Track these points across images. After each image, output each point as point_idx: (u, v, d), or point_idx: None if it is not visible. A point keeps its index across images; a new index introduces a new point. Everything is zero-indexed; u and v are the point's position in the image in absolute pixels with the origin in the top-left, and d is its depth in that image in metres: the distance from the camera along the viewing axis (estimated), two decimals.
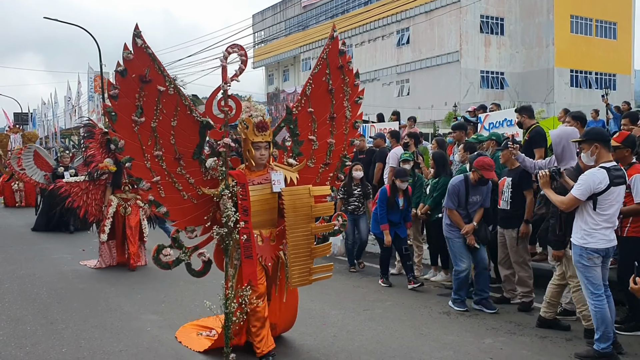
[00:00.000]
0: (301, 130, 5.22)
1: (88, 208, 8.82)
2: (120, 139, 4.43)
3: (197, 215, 4.83)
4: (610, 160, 4.86)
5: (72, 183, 8.86)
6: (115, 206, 8.75)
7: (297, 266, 4.72)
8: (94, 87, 27.06)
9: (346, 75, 5.33)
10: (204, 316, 6.10)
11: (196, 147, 4.75)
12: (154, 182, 4.59)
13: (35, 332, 5.71)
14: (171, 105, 4.56)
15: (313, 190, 4.78)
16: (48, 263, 9.26)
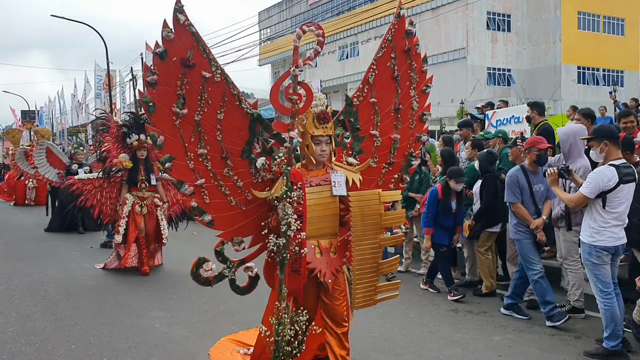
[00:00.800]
0: (362, 124, 4.58)
1: (102, 207, 8.24)
2: (159, 134, 3.86)
3: (245, 224, 4.23)
4: (620, 158, 4.83)
5: (85, 180, 8.23)
6: (131, 205, 8.10)
7: (362, 284, 4.06)
8: (102, 85, 27.13)
9: (413, 59, 4.68)
10: (210, 313, 6.13)
11: (245, 144, 4.17)
12: (198, 186, 4.03)
13: (45, 328, 5.74)
14: (217, 95, 4.00)
15: (383, 196, 4.06)
16: (56, 260, 9.30)
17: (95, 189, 8.21)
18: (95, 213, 8.19)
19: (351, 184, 4.13)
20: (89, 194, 8.16)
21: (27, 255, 9.76)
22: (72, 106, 34.06)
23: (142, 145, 7.96)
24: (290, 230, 3.74)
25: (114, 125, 8.19)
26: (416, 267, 8.15)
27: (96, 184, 8.24)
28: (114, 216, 8.22)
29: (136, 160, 8.01)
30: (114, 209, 8.23)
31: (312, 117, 4.04)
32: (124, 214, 7.99)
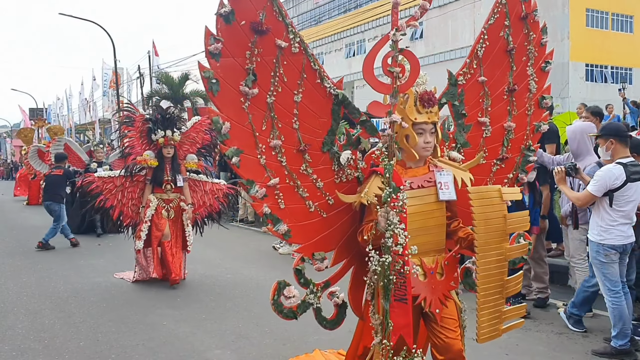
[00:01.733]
0: (469, 109, 3.75)
1: (123, 209, 7.32)
2: (224, 120, 3.09)
3: (327, 235, 3.44)
4: (628, 156, 4.81)
5: (105, 178, 7.26)
6: (155, 207, 7.23)
7: (487, 309, 3.18)
8: (109, 83, 27.23)
9: (531, 29, 3.93)
10: (218, 310, 6.14)
11: (327, 134, 3.41)
12: (271, 187, 3.25)
13: (53, 325, 5.78)
14: (295, 71, 3.26)
15: (504, 193, 3.19)
16: (65, 257, 9.35)
17: (116, 189, 7.28)
18: (115, 214, 7.28)
19: (460, 185, 3.24)
20: (109, 194, 7.24)
21: (35, 252, 9.82)
22: (80, 104, 34.20)
23: (169, 142, 7.16)
24: (398, 244, 2.88)
25: (139, 119, 7.33)
26: None
27: (117, 183, 7.29)
28: (135, 219, 7.39)
29: (162, 159, 7.21)
30: (135, 210, 7.38)
31: (413, 98, 3.16)
32: (147, 218, 7.16)
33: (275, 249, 9.62)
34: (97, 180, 7.20)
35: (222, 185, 7.81)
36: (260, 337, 5.30)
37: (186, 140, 7.51)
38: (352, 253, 3.43)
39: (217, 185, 7.76)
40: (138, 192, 7.39)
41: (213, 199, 7.69)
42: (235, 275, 7.79)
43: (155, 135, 7.11)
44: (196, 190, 7.61)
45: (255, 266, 8.34)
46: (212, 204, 7.68)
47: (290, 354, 4.85)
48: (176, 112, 7.40)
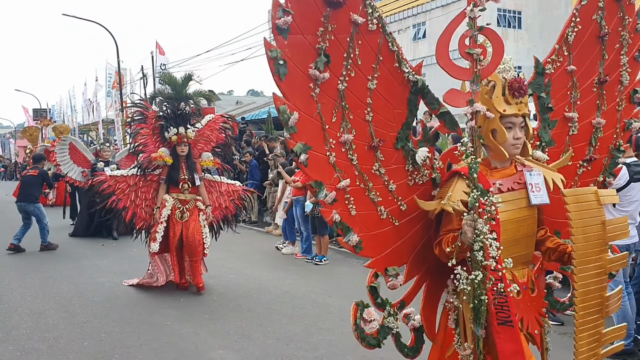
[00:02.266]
0: (555, 102, 3.29)
1: (136, 210, 6.88)
2: (292, 109, 2.66)
3: (399, 246, 3.02)
4: (631, 156, 4.81)
5: (118, 177, 6.80)
6: (170, 208, 6.81)
7: (586, 332, 2.81)
8: (112, 84, 27.26)
9: (626, 12, 3.41)
10: (221, 311, 6.15)
11: (401, 128, 2.98)
12: (341, 189, 2.82)
13: (57, 325, 5.80)
14: (370, 52, 2.83)
15: (601, 196, 2.78)
16: (68, 258, 9.38)
17: (129, 188, 6.83)
18: (127, 216, 6.82)
19: (552, 187, 2.78)
20: (121, 194, 6.77)
21: (38, 253, 9.84)
22: (83, 105, 34.27)
23: (182, 140, 6.78)
24: (493, 259, 2.47)
25: (151, 115, 6.89)
26: None
27: (130, 183, 6.83)
28: (149, 220, 6.94)
29: (176, 157, 6.83)
30: (149, 212, 6.94)
31: (500, 86, 2.71)
32: (162, 219, 6.73)
33: (278, 249, 9.63)
34: (109, 180, 6.75)
35: (238, 187, 7.55)
36: (263, 337, 5.31)
37: (201, 138, 7.22)
38: (423, 268, 3.03)
39: (232, 186, 7.51)
40: (152, 192, 6.97)
41: (228, 200, 7.40)
42: (238, 276, 7.81)
43: (168, 133, 6.76)
44: (211, 191, 7.29)
45: (258, 266, 8.36)
46: (228, 205, 7.41)
47: (293, 354, 4.86)
48: (188, 108, 7.00)
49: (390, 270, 3.00)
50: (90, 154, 11.73)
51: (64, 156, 11.49)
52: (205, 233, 6.95)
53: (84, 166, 11.49)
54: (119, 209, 6.78)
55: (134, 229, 7.03)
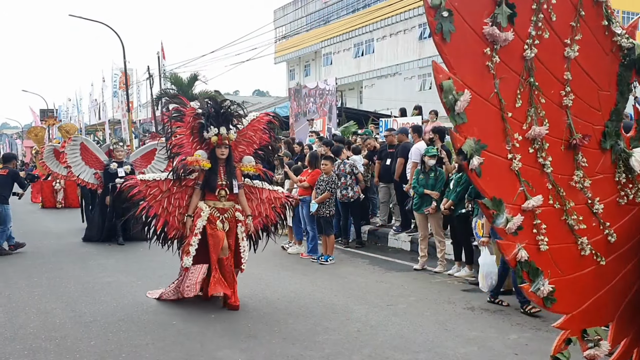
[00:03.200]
0: None
1: (168, 218, 6.19)
2: (460, 87, 1.91)
3: (603, 297, 2.27)
4: None
5: (150, 182, 6.15)
6: (207, 217, 6.09)
7: None
8: (118, 84, 27.36)
9: None
10: (227, 310, 6.15)
11: (609, 119, 2.18)
12: (529, 211, 2.04)
13: (64, 324, 5.82)
14: (566, 4, 2.06)
15: None
16: (75, 257, 9.41)
17: (161, 194, 6.15)
18: (159, 224, 6.19)
19: None
20: (153, 200, 6.12)
21: (45, 253, 9.88)
22: (90, 105, 34.41)
23: (223, 141, 6.08)
24: None
25: (189, 113, 6.14)
26: (432, 265, 8.13)
27: (163, 188, 6.15)
28: (182, 230, 6.26)
29: (215, 161, 6.13)
30: (183, 220, 6.26)
31: None
32: (197, 229, 6.05)
33: (284, 249, 9.63)
34: (140, 184, 6.10)
35: (280, 193, 6.83)
36: (269, 337, 5.32)
37: (242, 139, 6.53)
38: (636, 328, 2.29)
39: (274, 192, 6.78)
40: (186, 199, 6.27)
41: (269, 208, 6.71)
42: (244, 275, 7.76)
43: (208, 133, 6.06)
44: (251, 199, 6.59)
45: (264, 266, 8.36)
46: (269, 214, 6.71)
47: (299, 354, 4.87)
48: (234, 107, 6.28)
49: (590, 334, 2.22)
50: (103, 154, 11.07)
51: (75, 157, 10.89)
52: (243, 247, 6.34)
53: (96, 167, 10.90)
54: (150, 217, 6.17)
55: (166, 239, 6.34)
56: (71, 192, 17.21)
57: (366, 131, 13.34)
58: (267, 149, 6.78)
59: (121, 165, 10.63)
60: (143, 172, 10.14)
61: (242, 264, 6.36)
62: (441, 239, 8.15)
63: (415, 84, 44.72)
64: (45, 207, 17.51)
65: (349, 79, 47.17)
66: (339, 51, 50.61)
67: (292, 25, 53.12)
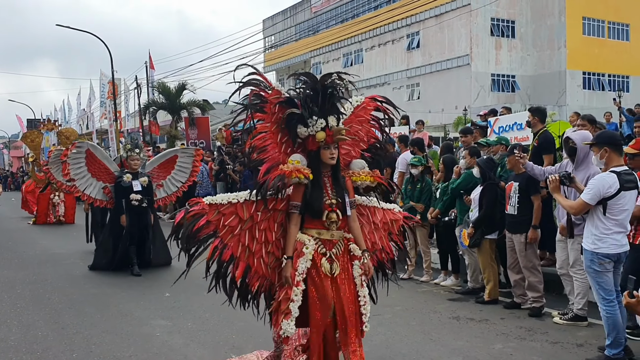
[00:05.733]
0: None
1: (251, 261, 3.97)
2: None
3: None
4: (622, 165, 4.82)
5: (223, 206, 3.88)
6: (311, 255, 3.91)
7: None
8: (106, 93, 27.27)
9: None
10: (212, 321, 6.12)
11: None
12: None
13: (47, 337, 5.75)
14: None
15: None
16: (60, 268, 9.32)
17: (239, 225, 3.93)
18: (238, 272, 3.95)
19: None
20: (228, 235, 3.90)
21: (30, 264, 9.78)
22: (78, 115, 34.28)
23: (334, 138, 3.92)
24: None
25: (274, 99, 3.99)
26: (419, 275, 8.13)
27: (243, 215, 3.93)
28: (272, 278, 4.06)
29: (317, 169, 3.95)
30: (274, 263, 4.03)
31: None
32: (299, 275, 3.88)
33: None
34: (209, 211, 3.84)
35: (397, 214, 4.54)
36: (253, 348, 5.27)
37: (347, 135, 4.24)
38: None
39: (390, 213, 4.49)
40: (277, 230, 4.02)
41: (385, 236, 4.49)
42: None
43: (309, 127, 3.89)
44: (362, 223, 4.32)
45: None
46: (385, 245, 4.47)
47: None
48: (343, 83, 4.06)
49: None
50: (113, 164, 9.05)
51: (80, 168, 8.68)
52: (362, 295, 4.05)
53: (105, 180, 8.82)
54: (225, 261, 3.88)
55: (249, 293, 4.09)
56: (70, 206, 15.67)
57: None
58: (377, 150, 4.44)
59: (136, 177, 8.68)
60: (161, 185, 9.47)
61: (364, 323, 4.05)
62: (426, 249, 8.16)
63: (404, 94, 44.90)
64: (38, 223, 15.38)
65: None
66: (328, 61, 50.73)
67: (281, 35, 53.25)
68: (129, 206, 8.61)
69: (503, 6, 41.24)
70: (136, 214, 8.66)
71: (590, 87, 42.23)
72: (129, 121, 37.47)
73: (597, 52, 41.27)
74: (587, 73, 41.98)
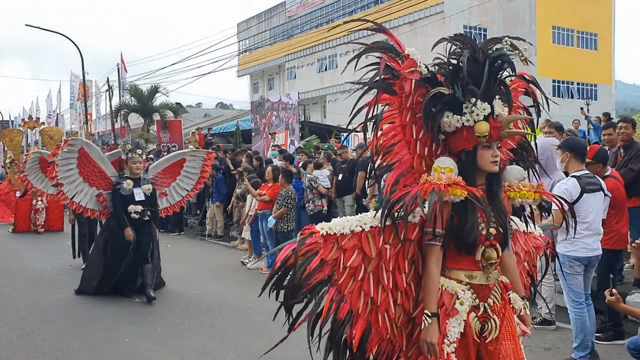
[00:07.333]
0: None
1: (374, 317, 2.66)
2: None
3: None
4: (582, 169, 4.93)
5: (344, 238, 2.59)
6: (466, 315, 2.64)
7: None
8: (77, 95, 26.83)
9: None
10: (182, 327, 6.04)
11: None
12: None
13: (11, 343, 5.61)
14: None
15: None
16: (27, 273, 9.10)
17: (363, 266, 2.63)
18: (357, 333, 2.63)
19: None
20: (347, 284, 2.62)
21: None
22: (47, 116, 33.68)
23: (501, 133, 2.66)
24: None
25: (407, 74, 2.69)
26: None
27: (370, 250, 2.62)
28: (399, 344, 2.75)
29: (471, 180, 2.67)
30: (403, 320, 2.74)
31: None
32: (450, 343, 2.59)
33: (243, 264, 9.54)
34: (324, 248, 2.58)
35: (540, 239, 3.28)
36: (223, 354, 5.23)
37: None
38: None
39: (532, 237, 3.22)
40: (409, 273, 2.74)
41: (525, 270, 3.20)
42: (200, 291, 7.69)
43: (462, 116, 2.64)
44: (520, 255, 3.18)
45: (222, 281, 8.26)
46: (525, 283, 3.16)
47: None
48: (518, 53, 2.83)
49: None
50: (110, 166, 7.56)
51: (70, 170, 7.29)
52: None
53: (100, 186, 7.43)
54: (342, 320, 2.64)
55: None
56: (54, 210, 14.21)
57: (329, 146, 13.40)
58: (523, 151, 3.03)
59: (138, 183, 7.34)
60: (165, 194, 8.03)
61: None
62: None
63: None
64: (17, 231, 14.04)
65: (313, 93, 47.37)
66: (302, 65, 50.77)
67: (255, 39, 53.11)
68: (127, 220, 7.20)
69: (476, 14, 41.84)
70: (136, 229, 7.21)
71: (559, 95, 43.00)
72: (99, 124, 36.99)
73: (567, 60, 42.09)
74: (556, 81, 42.76)
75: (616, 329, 5.52)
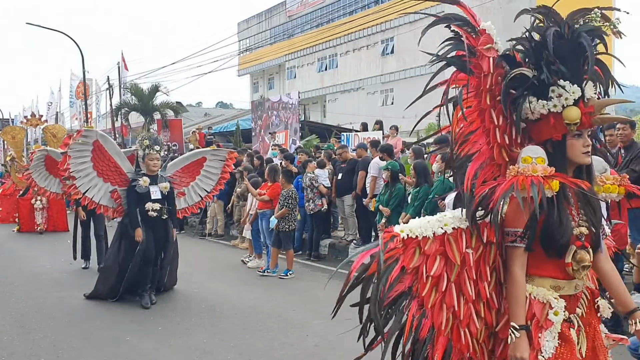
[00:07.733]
0: None
1: (456, 333, 2.37)
2: None
3: None
4: None
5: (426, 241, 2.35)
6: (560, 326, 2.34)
7: None
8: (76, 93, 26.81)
9: None
10: (183, 325, 6.06)
11: None
12: None
13: (12, 342, 5.63)
14: None
15: None
16: (27, 272, 9.12)
17: (448, 273, 2.38)
18: (438, 353, 2.35)
19: None
20: (430, 297, 2.37)
21: None
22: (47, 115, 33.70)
23: (594, 119, 2.33)
24: None
25: (484, 51, 2.37)
26: None
27: (454, 256, 2.37)
28: None
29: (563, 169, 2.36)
30: (485, 335, 2.45)
31: None
32: None
33: (244, 263, 9.55)
34: (405, 255, 2.33)
35: (609, 238, 2.78)
36: (225, 353, 5.24)
37: None
38: None
39: None
40: (491, 280, 2.45)
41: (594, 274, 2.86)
42: (201, 290, 7.70)
43: (548, 101, 2.31)
44: None
45: (223, 280, 8.27)
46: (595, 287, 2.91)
47: None
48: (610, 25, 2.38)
49: None
50: (127, 161, 7.18)
51: (84, 163, 6.86)
52: None
53: (115, 181, 7.04)
54: (424, 339, 2.38)
55: None
56: (58, 209, 13.91)
57: (329, 145, 13.41)
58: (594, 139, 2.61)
59: (155, 181, 7.01)
60: (183, 194, 7.70)
61: None
62: None
63: (378, 99, 45.21)
64: (22, 231, 13.76)
65: (313, 92, 47.44)
66: (302, 65, 50.82)
67: (256, 38, 53.15)
68: (144, 218, 6.87)
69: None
70: (152, 228, 6.93)
71: None
72: (100, 122, 37.00)
73: None
74: None
75: (616, 329, 5.54)
